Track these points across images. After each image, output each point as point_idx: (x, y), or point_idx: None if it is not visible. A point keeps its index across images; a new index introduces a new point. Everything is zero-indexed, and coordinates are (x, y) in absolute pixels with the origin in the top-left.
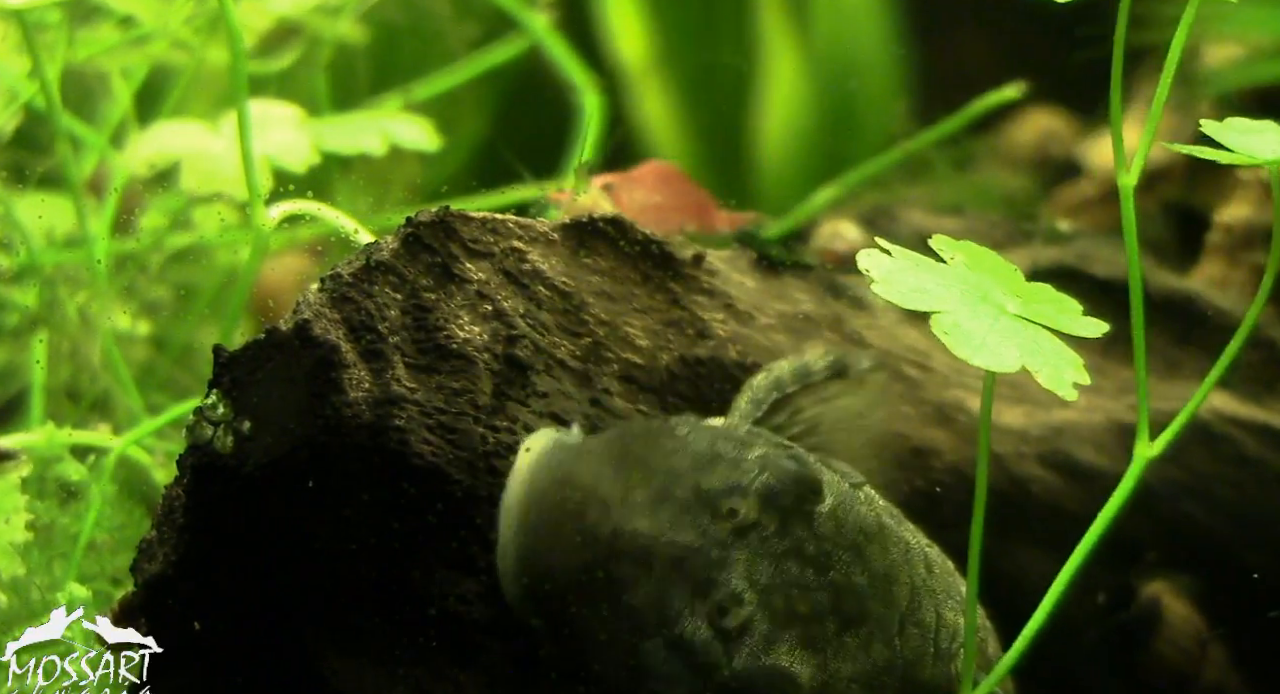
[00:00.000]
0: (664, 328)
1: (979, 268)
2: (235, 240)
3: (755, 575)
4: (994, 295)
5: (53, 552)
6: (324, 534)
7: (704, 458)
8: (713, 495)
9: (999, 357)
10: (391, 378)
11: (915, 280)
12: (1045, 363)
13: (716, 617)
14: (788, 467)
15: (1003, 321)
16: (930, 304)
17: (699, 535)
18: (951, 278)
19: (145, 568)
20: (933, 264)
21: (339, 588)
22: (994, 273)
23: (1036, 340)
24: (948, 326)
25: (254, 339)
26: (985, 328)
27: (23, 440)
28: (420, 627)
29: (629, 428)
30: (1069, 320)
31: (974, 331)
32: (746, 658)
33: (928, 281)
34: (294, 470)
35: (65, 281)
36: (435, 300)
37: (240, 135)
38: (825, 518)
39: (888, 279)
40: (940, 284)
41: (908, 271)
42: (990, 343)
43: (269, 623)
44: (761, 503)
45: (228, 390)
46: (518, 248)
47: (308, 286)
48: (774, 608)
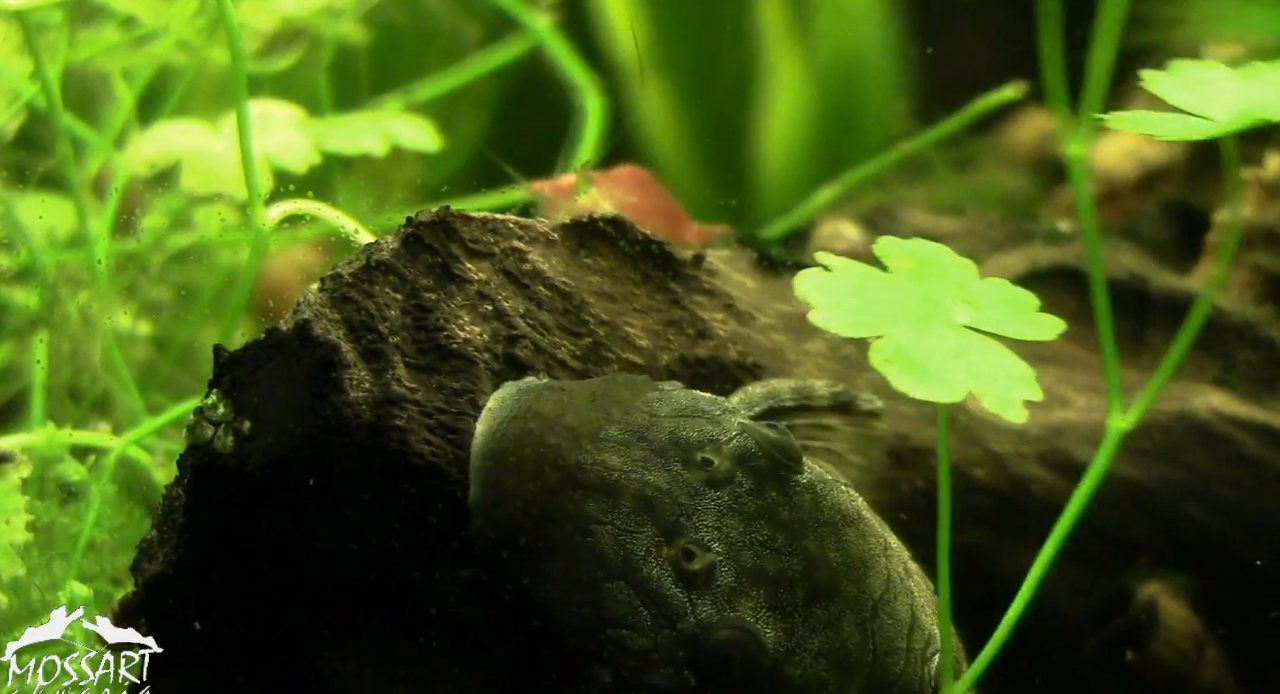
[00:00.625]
0: (664, 328)
1: (927, 272)
2: (236, 240)
3: (724, 528)
4: (943, 305)
5: (53, 552)
6: (324, 534)
7: (684, 410)
8: (688, 444)
9: (945, 384)
10: (392, 378)
11: (857, 301)
12: (993, 383)
13: (681, 561)
14: (768, 433)
15: (950, 338)
16: (872, 328)
17: (669, 479)
18: (897, 291)
19: (145, 568)
20: (877, 276)
21: (339, 587)
22: (944, 275)
23: (986, 356)
24: (889, 354)
25: (254, 339)
26: (930, 349)
27: (23, 440)
28: (420, 626)
29: (614, 376)
30: (1023, 323)
31: (917, 356)
32: (710, 608)
33: (871, 299)
34: (294, 470)
35: (66, 282)
36: (436, 300)
37: (240, 135)
38: (803, 490)
39: (830, 306)
40: (884, 301)
41: (849, 292)
42: (935, 367)
43: (269, 622)
44: (737, 460)
45: (228, 390)
46: (518, 248)
47: (308, 287)
48: (741, 563)
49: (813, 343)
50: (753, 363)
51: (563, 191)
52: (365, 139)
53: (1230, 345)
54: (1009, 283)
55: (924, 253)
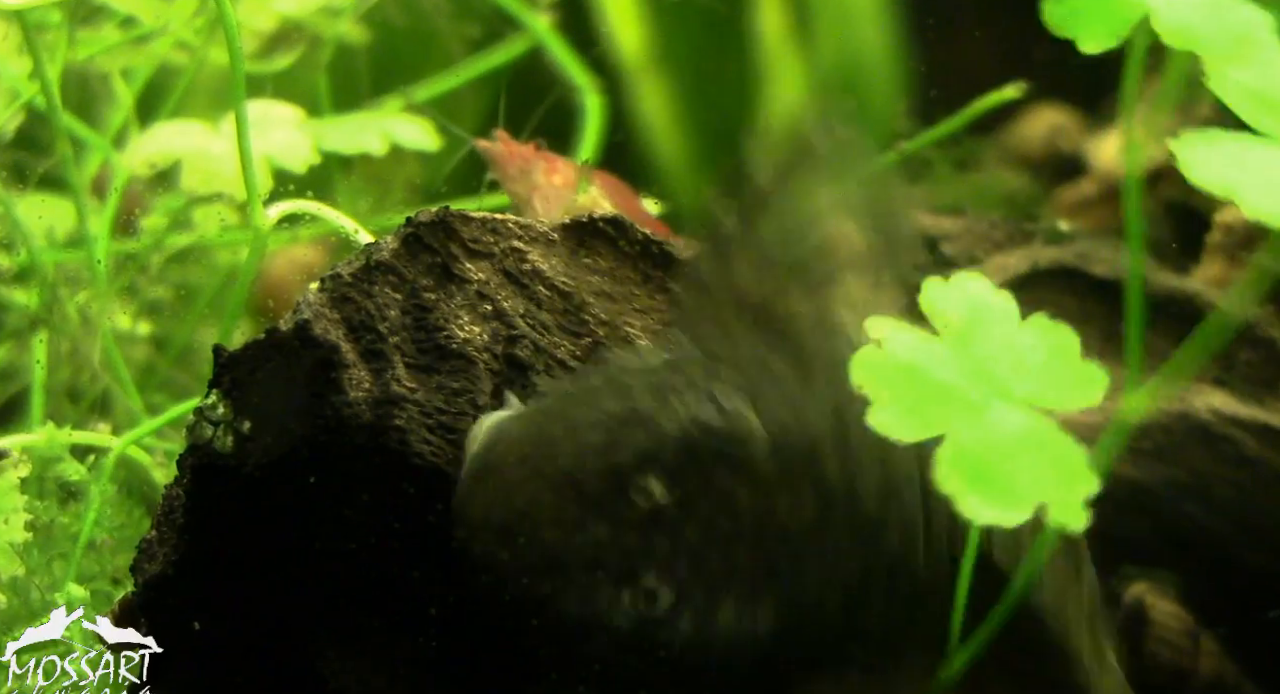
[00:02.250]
0: (664, 328)
1: (976, 331)
2: (235, 240)
3: (682, 546)
4: (997, 376)
5: (53, 552)
6: (324, 534)
7: (618, 424)
8: (625, 473)
9: (1010, 495)
10: (391, 378)
11: (914, 390)
12: (1056, 487)
13: (644, 603)
14: (711, 420)
15: (1010, 423)
16: (934, 425)
17: (612, 527)
18: (951, 367)
19: (145, 568)
20: (930, 350)
21: (339, 588)
22: (990, 328)
23: (1046, 447)
24: (953, 460)
25: (254, 339)
26: (993, 445)
27: (23, 440)
28: (420, 626)
29: (547, 406)
30: (1069, 382)
31: (981, 456)
32: (690, 630)
33: (928, 384)
34: (294, 470)
35: (66, 282)
36: (435, 300)
37: (239, 135)
38: (763, 457)
39: (889, 402)
40: (940, 385)
41: (904, 378)
42: (1000, 471)
43: (269, 622)
44: (680, 468)
45: (228, 390)
46: (518, 248)
47: (307, 287)
48: (710, 572)
49: None
50: None
51: (514, 154)
52: (364, 139)
53: (1231, 346)
54: (1047, 320)
55: (973, 297)
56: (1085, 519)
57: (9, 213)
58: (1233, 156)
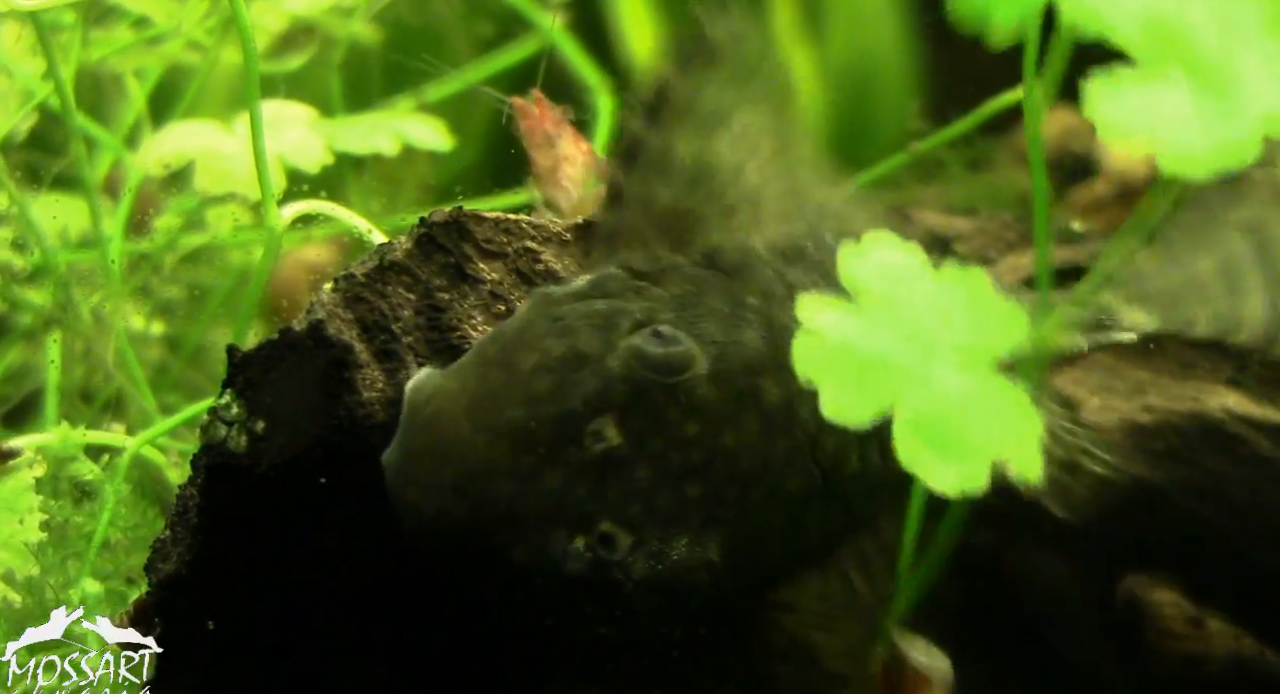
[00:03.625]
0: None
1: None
2: (248, 241)
3: (636, 487)
4: (932, 337)
5: (67, 551)
6: (337, 534)
7: (564, 366)
8: (575, 420)
9: (968, 454)
10: (405, 378)
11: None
12: (1010, 437)
13: (600, 548)
14: (652, 352)
15: (954, 383)
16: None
17: (565, 476)
18: (886, 337)
19: (159, 567)
20: (861, 325)
21: (351, 587)
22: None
23: (993, 398)
24: (911, 427)
25: (268, 339)
26: (944, 406)
27: (37, 440)
28: (431, 627)
29: (485, 354)
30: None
31: (937, 418)
32: (645, 567)
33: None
34: (308, 470)
35: (79, 282)
36: (449, 300)
37: (253, 136)
38: (704, 384)
39: (837, 388)
40: (881, 355)
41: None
42: (955, 429)
43: (282, 622)
44: (629, 407)
45: (242, 390)
46: (531, 248)
47: (321, 287)
48: (662, 508)
49: None
50: None
51: (544, 118)
52: (377, 139)
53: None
54: (958, 268)
55: (886, 261)
56: (1040, 470)
57: (23, 213)
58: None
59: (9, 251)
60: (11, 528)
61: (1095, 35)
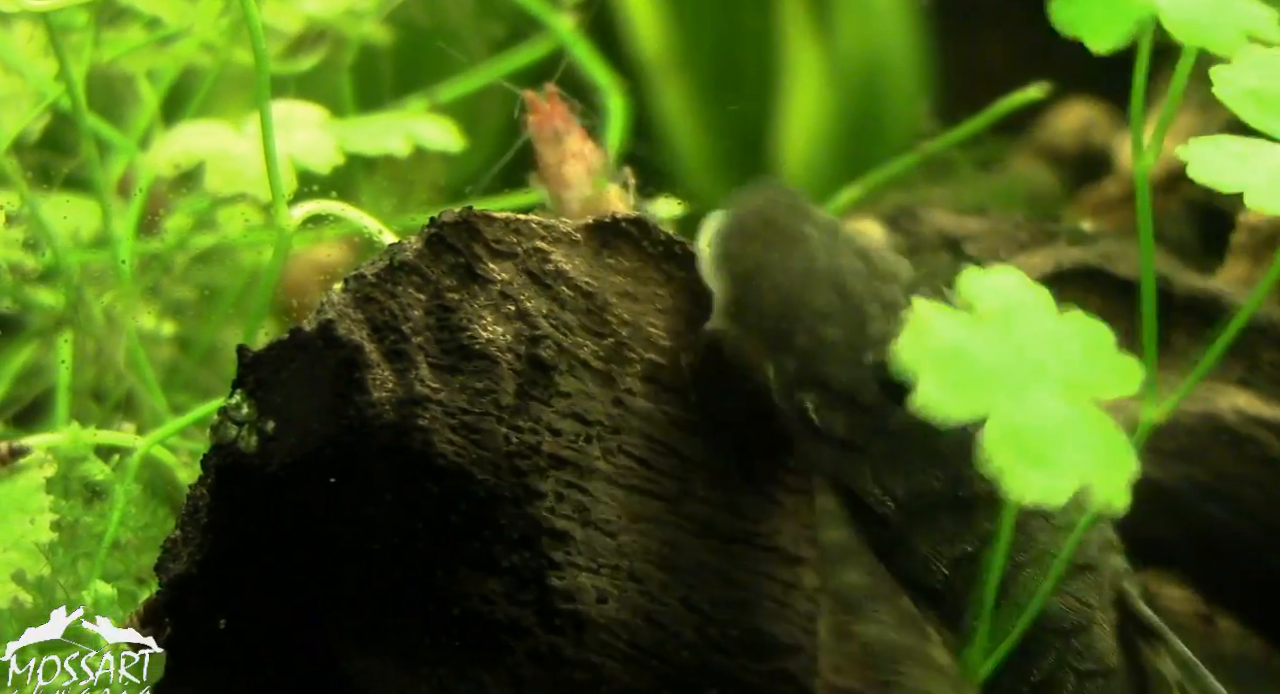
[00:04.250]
0: (687, 328)
1: (1015, 315)
2: (259, 241)
3: None
4: (1038, 361)
5: (77, 551)
6: (347, 534)
7: None
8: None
9: (1058, 470)
10: (415, 378)
11: (959, 369)
12: (1100, 464)
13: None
14: None
15: (1052, 406)
16: (980, 404)
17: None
18: (994, 348)
19: (170, 567)
20: (973, 330)
21: (362, 587)
22: (1028, 316)
23: (1088, 426)
24: (1001, 438)
25: (278, 339)
26: (1039, 424)
27: (48, 440)
28: (443, 626)
29: None
30: (1105, 371)
31: (1029, 434)
32: None
33: (974, 364)
34: (318, 470)
35: (91, 282)
36: (459, 300)
37: (263, 136)
38: None
39: (936, 381)
40: (986, 365)
41: (950, 357)
42: (1048, 448)
43: (293, 621)
44: None
45: (252, 390)
46: (541, 248)
47: (331, 287)
48: None
49: None
50: None
51: (555, 114)
52: (388, 139)
53: (1255, 346)
54: (1082, 314)
55: (1008, 289)
56: (1127, 499)
57: (35, 213)
58: (1238, 156)
59: (21, 252)
60: (22, 528)
61: None
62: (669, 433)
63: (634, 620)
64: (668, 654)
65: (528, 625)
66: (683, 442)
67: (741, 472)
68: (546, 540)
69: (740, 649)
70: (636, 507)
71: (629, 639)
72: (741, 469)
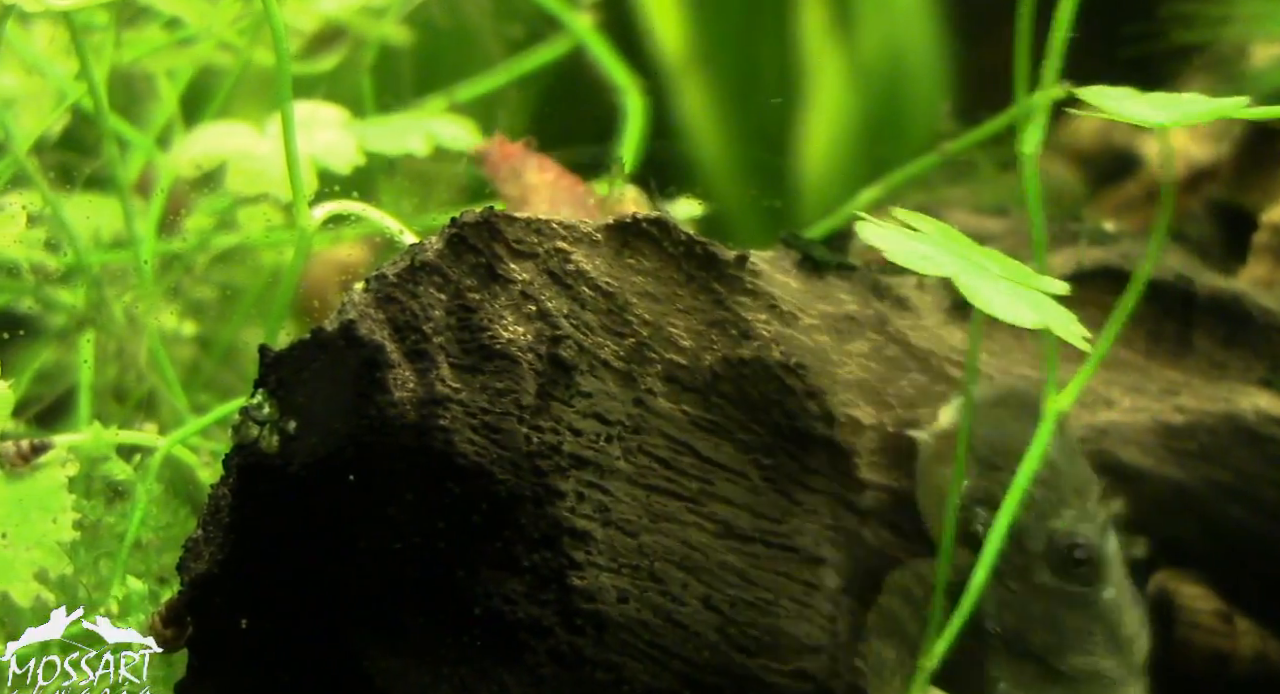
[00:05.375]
0: (707, 328)
1: (951, 237)
2: (280, 241)
3: None
4: (980, 263)
5: (99, 550)
6: (369, 534)
7: None
8: None
9: (1018, 315)
10: (436, 378)
11: (918, 248)
12: (1056, 320)
13: None
14: None
15: (1002, 285)
16: (944, 269)
17: None
18: (946, 247)
19: (192, 567)
20: (922, 235)
21: (384, 587)
22: (961, 241)
23: (1036, 300)
24: (967, 289)
25: (300, 339)
26: (995, 291)
27: (70, 440)
28: (465, 626)
29: None
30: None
31: (989, 297)
32: None
33: (933, 249)
34: (339, 470)
35: (112, 282)
36: (480, 301)
37: (285, 136)
38: None
39: (896, 249)
40: (943, 251)
41: (909, 240)
42: (1002, 303)
43: (314, 621)
44: None
45: (273, 390)
46: (562, 248)
47: (353, 287)
48: None
49: (856, 344)
50: (796, 363)
51: (506, 155)
52: (408, 139)
53: (1276, 346)
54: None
55: (939, 225)
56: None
57: (56, 213)
58: None
59: (42, 252)
60: (45, 527)
61: None
62: (689, 433)
63: (655, 620)
64: (688, 654)
65: (549, 625)
66: (703, 442)
67: (762, 472)
68: (567, 540)
69: (761, 649)
70: (657, 506)
71: (650, 639)
72: (762, 469)
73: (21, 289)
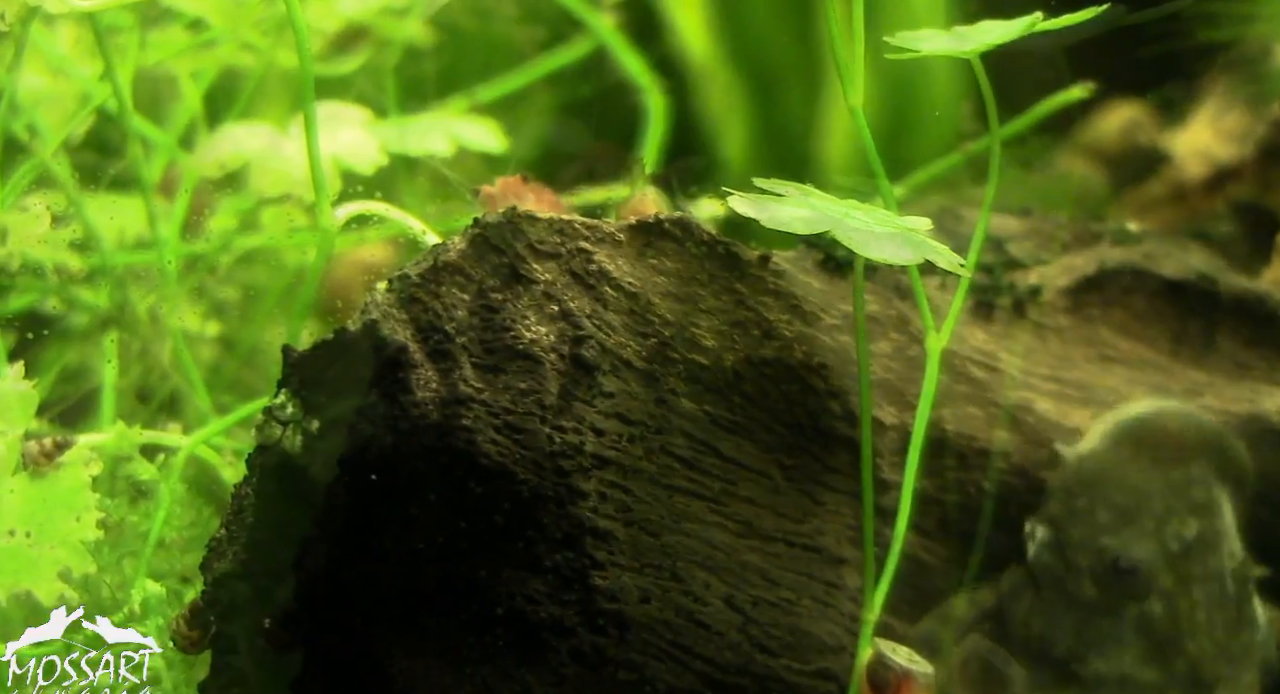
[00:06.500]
0: (730, 328)
1: (811, 194)
2: (303, 241)
3: None
4: (850, 214)
5: (123, 550)
6: (391, 533)
7: None
8: None
9: (899, 254)
10: (459, 378)
11: (792, 212)
12: (932, 253)
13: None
14: None
15: (878, 230)
16: (818, 227)
17: None
18: (810, 205)
19: (215, 566)
20: (791, 197)
21: (406, 587)
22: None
23: (911, 239)
24: (849, 240)
25: (323, 339)
26: (871, 237)
27: (94, 439)
28: (487, 626)
29: None
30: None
31: (868, 241)
32: None
33: (801, 212)
34: (362, 470)
35: (136, 282)
36: (502, 301)
37: (308, 137)
38: None
39: (770, 216)
40: (811, 212)
41: (777, 205)
42: (883, 247)
43: (336, 620)
44: None
45: (297, 390)
46: (585, 249)
47: (376, 287)
48: None
49: (879, 344)
50: (818, 363)
51: (504, 192)
52: (431, 140)
53: None
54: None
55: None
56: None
57: (81, 214)
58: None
59: (67, 252)
60: (69, 526)
61: None
62: (712, 433)
63: (677, 620)
64: (711, 654)
65: (571, 625)
66: (725, 441)
67: (784, 472)
68: (590, 540)
69: (783, 649)
70: (679, 506)
71: (672, 639)
72: (784, 469)
73: (46, 289)
